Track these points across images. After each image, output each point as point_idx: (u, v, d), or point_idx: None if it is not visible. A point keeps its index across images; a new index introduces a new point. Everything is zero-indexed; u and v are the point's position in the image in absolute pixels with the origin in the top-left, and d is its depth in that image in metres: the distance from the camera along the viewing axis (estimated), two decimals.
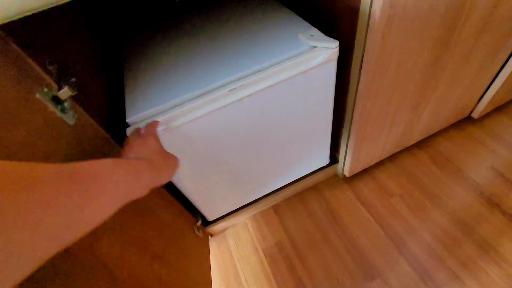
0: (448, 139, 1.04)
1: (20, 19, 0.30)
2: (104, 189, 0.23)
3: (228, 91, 0.52)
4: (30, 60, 0.33)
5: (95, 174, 0.23)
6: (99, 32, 0.67)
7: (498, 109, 1.08)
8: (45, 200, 0.18)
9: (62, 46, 0.45)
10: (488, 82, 0.90)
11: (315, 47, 0.54)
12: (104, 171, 0.24)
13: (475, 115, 1.03)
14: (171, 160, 0.39)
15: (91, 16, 0.65)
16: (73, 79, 0.39)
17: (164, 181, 0.35)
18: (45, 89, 0.34)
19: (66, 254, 0.31)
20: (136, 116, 0.51)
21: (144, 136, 0.40)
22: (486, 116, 1.07)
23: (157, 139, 0.41)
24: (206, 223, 0.87)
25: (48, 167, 0.20)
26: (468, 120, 1.07)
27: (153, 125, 0.47)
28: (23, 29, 0.35)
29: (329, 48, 0.54)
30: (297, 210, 0.96)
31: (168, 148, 0.54)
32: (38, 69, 0.34)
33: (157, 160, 0.35)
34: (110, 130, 0.48)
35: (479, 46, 0.69)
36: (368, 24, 0.50)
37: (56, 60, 0.40)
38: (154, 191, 0.60)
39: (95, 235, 0.37)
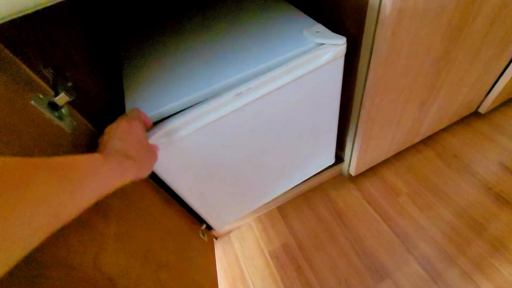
0: (455, 135, 1.02)
1: (10, 21, 0.28)
2: (92, 185, 0.25)
3: (235, 95, 0.50)
4: (22, 65, 0.31)
5: (86, 171, 0.25)
6: (98, 32, 0.65)
7: (505, 104, 1.06)
8: (39, 197, 0.20)
9: (57, 48, 0.43)
10: (496, 77, 0.87)
11: (322, 44, 0.52)
12: (95, 168, 0.27)
13: (482, 110, 1.01)
14: (152, 154, 0.41)
15: (88, 16, 0.63)
16: (70, 84, 0.37)
17: (145, 175, 0.37)
18: (41, 95, 0.32)
19: (70, 270, 0.29)
20: None
21: (129, 120, 0.39)
22: (493, 111, 1.05)
23: (142, 126, 0.40)
24: (210, 226, 0.85)
25: (41, 163, 0.21)
26: (475, 115, 1.05)
27: (138, 110, 0.45)
28: (13, 31, 0.33)
29: (337, 45, 0.52)
30: (303, 210, 0.94)
31: (170, 160, 0.52)
32: (31, 74, 0.32)
33: (141, 155, 0.36)
34: None
35: (489, 40, 0.67)
36: (377, 20, 0.47)
37: (51, 64, 0.38)
38: (159, 198, 0.58)
39: (99, 244, 0.35)
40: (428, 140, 1.02)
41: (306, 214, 0.93)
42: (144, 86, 0.55)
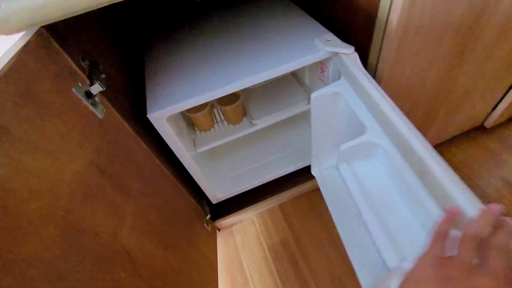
0: (459, 148, 1.04)
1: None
2: None
3: None
4: (67, 57, 0.36)
5: None
6: (123, 31, 0.70)
7: (511, 120, 1.07)
8: None
9: (92, 44, 0.48)
10: (503, 92, 0.89)
11: (333, 52, 0.56)
12: None
13: (487, 124, 1.03)
14: None
15: (117, 17, 0.68)
16: (103, 76, 0.42)
17: None
18: (80, 84, 0.36)
19: (96, 236, 0.34)
20: (156, 112, 0.53)
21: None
22: (499, 126, 1.06)
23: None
24: (214, 217, 0.90)
25: None
26: (480, 129, 1.06)
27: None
28: (61, 28, 0.38)
29: (345, 54, 0.55)
30: (303, 209, 0.97)
31: None
32: (74, 66, 0.36)
33: None
34: (132, 124, 0.51)
35: (494, 56, 0.69)
36: (384, 33, 0.51)
37: (87, 57, 0.42)
38: (171, 184, 0.62)
39: (119, 218, 0.39)
40: None
41: (306, 212, 0.96)
42: (163, 82, 0.59)
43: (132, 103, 0.58)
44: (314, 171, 0.79)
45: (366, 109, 0.49)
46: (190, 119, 0.78)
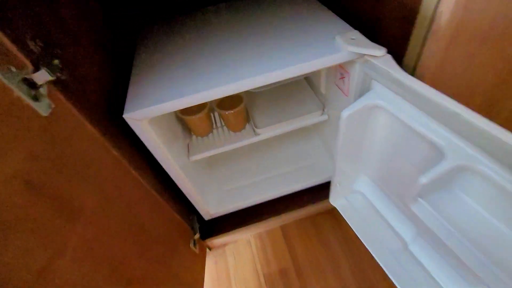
0: None
1: None
2: None
3: None
4: None
5: None
6: (114, 16, 0.62)
7: None
8: None
9: (58, 23, 0.39)
10: None
11: (363, 55, 0.44)
12: None
13: None
14: None
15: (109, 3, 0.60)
16: (57, 61, 0.33)
17: None
18: (13, 69, 0.27)
19: (10, 279, 0.24)
20: (134, 112, 0.44)
21: None
22: None
23: None
24: (204, 236, 0.79)
25: None
26: None
27: None
28: None
29: (374, 57, 0.44)
30: (308, 234, 0.85)
31: None
32: (6, 43, 0.27)
33: None
34: (100, 126, 0.41)
35: None
36: (429, 29, 0.39)
37: (44, 36, 0.33)
38: (147, 201, 0.52)
39: (55, 249, 0.29)
40: None
41: (311, 238, 0.84)
42: (151, 77, 0.50)
43: (110, 100, 0.49)
44: (336, 201, 0.67)
45: (436, 123, 0.38)
46: (185, 122, 0.68)
